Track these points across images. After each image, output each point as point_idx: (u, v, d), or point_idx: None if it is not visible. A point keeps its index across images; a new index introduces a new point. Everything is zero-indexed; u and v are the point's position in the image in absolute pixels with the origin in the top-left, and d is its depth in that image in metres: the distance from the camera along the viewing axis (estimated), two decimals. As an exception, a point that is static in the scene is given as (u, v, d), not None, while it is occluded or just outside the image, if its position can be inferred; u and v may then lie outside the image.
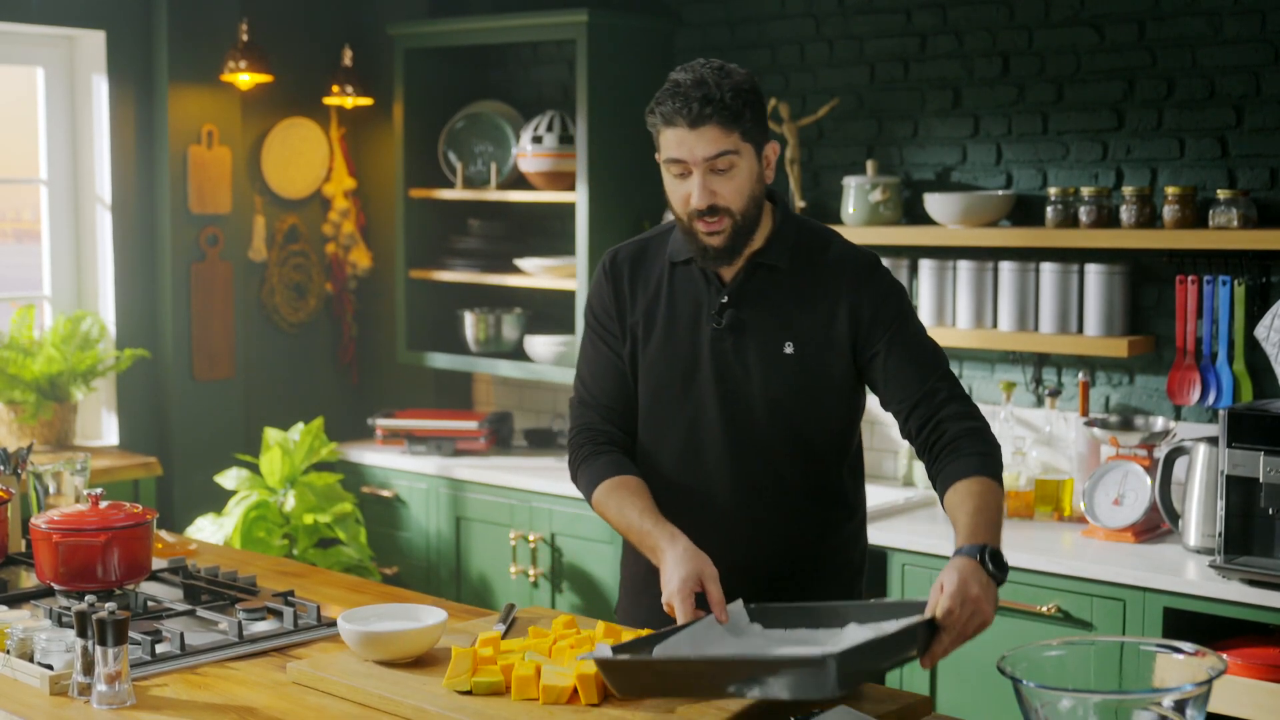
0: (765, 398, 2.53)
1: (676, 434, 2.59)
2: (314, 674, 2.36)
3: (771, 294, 2.54)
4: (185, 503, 5.04)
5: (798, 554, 2.59)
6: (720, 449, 2.56)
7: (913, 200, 4.38)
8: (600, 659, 2.15)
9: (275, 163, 5.29)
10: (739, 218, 2.47)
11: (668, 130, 2.45)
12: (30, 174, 5.04)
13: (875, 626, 2.24)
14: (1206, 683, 1.70)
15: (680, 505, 2.57)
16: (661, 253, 2.62)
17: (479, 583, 4.78)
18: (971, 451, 2.41)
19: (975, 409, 2.50)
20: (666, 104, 2.44)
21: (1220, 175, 3.89)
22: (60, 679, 2.33)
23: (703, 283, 2.57)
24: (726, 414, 2.55)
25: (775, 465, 2.56)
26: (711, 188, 2.44)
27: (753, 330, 2.53)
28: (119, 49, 4.95)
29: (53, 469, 3.14)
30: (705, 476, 2.58)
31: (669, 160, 2.47)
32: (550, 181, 4.87)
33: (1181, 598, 3.41)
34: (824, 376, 2.53)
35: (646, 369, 2.60)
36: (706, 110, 2.41)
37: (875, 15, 4.44)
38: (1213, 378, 3.85)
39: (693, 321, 2.57)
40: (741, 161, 2.45)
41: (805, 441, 2.56)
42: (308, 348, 5.49)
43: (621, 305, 2.63)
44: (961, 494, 2.37)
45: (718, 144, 2.42)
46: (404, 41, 5.16)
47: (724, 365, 2.54)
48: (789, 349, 2.52)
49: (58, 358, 4.76)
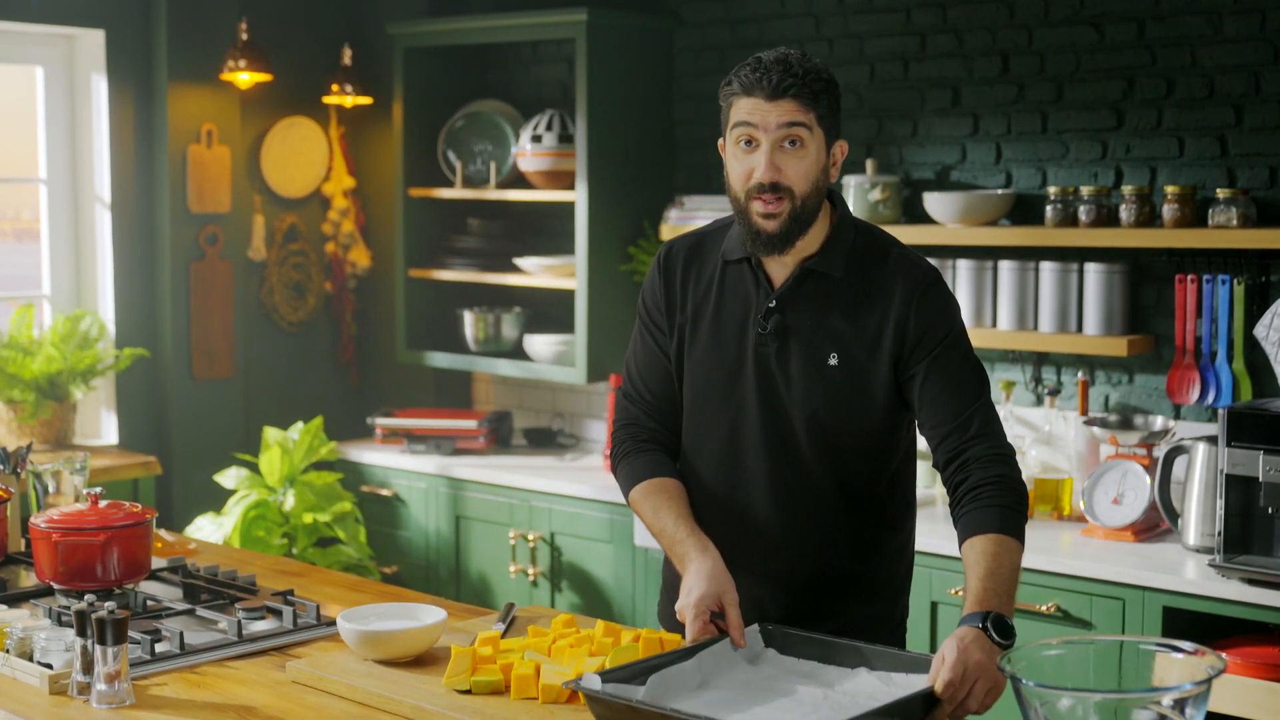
0: (805, 408, 2.45)
1: (717, 438, 2.52)
2: (313, 673, 2.36)
3: (820, 302, 2.45)
4: (184, 502, 5.04)
5: (834, 568, 2.51)
6: (759, 456, 2.49)
7: (912, 199, 4.38)
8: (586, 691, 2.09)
9: (275, 162, 5.29)
10: (799, 202, 2.38)
11: (743, 99, 2.38)
12: (30, 173, 5.04)
13: (885, 678, 2.21)
14: (1206, 682, 1.70)
15: (718, 510, 2.53)
16: (716, 249, 2.54)
17: (478, 582, 4.78)
18: (994, 503, 2.34)
19: (1008, 450, 2.41)
20: (746, 74, 2.38)
21: (1220, 174, 3.89)
22: (60, 678, 2.33)
23: (753, 284, 2.48)
24: (766, 421, 2.48)
25: (812, 477, 2.48)
26: (778, 163, 2.37)
27: (797, 339, 2.45)
28: (118, 48, 4.95)
29: (52, 468, 3.14)
30: (744, 483, 2.51)
31: (739, 125, 2.38)
32: (550, 181, 4.87)
33: (1181, 597, 3.41)
34: (867, 391, 2.44)
35: (692, 368, 2.54)
36: (787, 82, 2.35)
37: (875, 14, 4.44)
38: (1212, 377, 3.85)
39: (740, 324, 2.49)
40: (812, 143, 2.38)
41: (842, 455, 2.48)
42: (307, 347, 5.49)
43: (671, 301, 2.56)
44: (977, 553, 2.30)
45: (793, 115, 2.36)
46: (403, 40, 5.15)
47: (766, 372, 2.47)
48: (833, 360, 2.43)
49: (57, 357, 4.76)
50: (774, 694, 2.20)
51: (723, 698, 2.16)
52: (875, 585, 2.56)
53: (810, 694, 2.18)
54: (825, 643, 2.32)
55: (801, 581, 2.52)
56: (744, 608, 2.41)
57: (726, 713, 2.09)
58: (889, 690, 2.17)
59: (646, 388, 2.60)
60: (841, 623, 2.49)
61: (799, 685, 2.22)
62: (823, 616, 2.49)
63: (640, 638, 2.33)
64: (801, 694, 2.19)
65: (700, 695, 2.16)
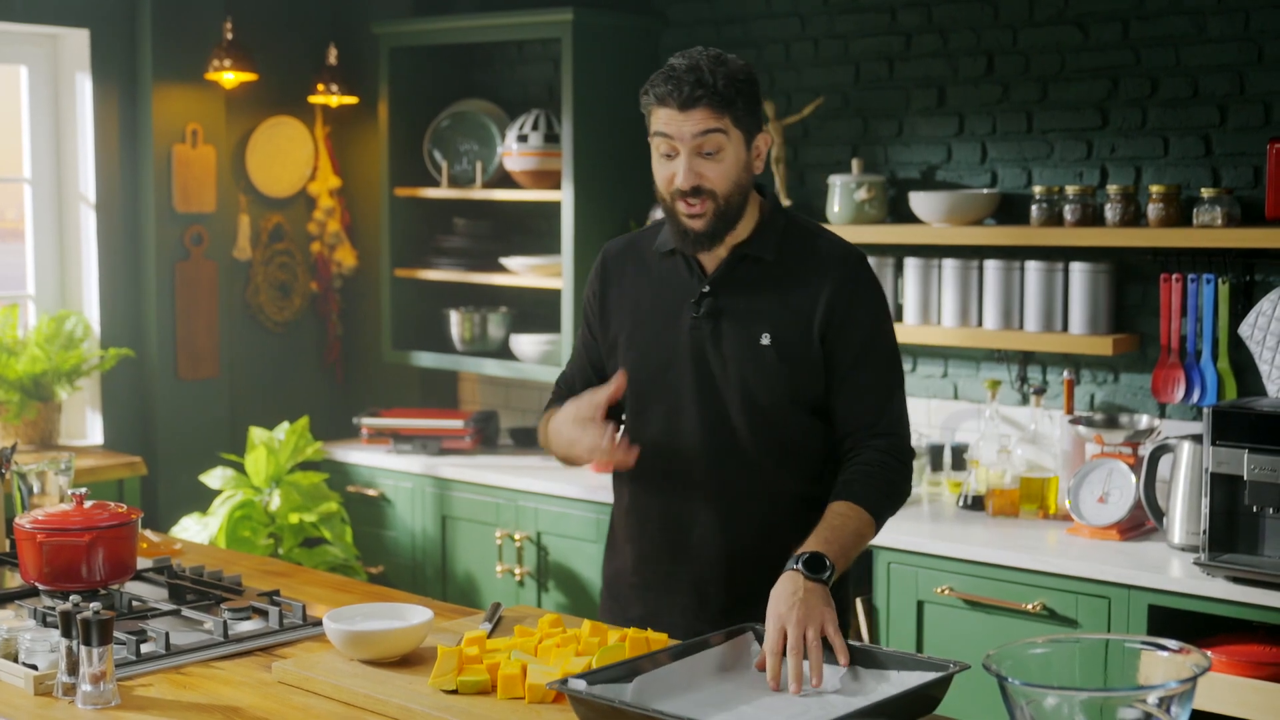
0: (740, 387, 2.54)
1: (657, 421, 2.61)
2: (299, 673, 2.36)
3: (753, 285, 2.55)
4: (170, 502, 5.03)
5: (776, 544, 2.56)
6: (697, 438, 2.58)
7: (898, 199, 4.39)
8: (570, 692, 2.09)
9: (260, 161, 5.28)
10: (722, 202, 2.48)
11: (659, 109, 2.46)
12: (14, 173, 5.02)
13: (879, 675, 2.21)
14: (1191, 680, 1.70)
15: (661, 491, 2.61)
16: (651, 245, 2.65)
17: (465, 582, 4.78)
18: (868, 481, 2.48)
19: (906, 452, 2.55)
20: (660, 85, 2.46)
21: (1204, 174, 3.90)
22: (45, 679, 2.33)
23: (687, 273, 2.59)
24: (703, 403, 2.56)
25: (749, 456, 2.57)
26: (697, 169, 2.46)
27: (730, 320, 2.55)
28: (103, 47, 4.94)
29: (37, 468, 3.13)
30: (684, 464, 2.60)
31: (657, 134, 2.48)
32: (536, 180, 4.87)
33: (1166, 595, 3.41)
34: (799, 368, 2.54)
35: (629, 358, 2.62)
36: (698, 93, 2.42)
37: (860, 14, 4.45)
38: (1197, 376, 3.86)
39: (676, 312, 2.58)
40: (729, 146, 2.46)
41: (779, 432, 2.57)
42: (293, 347, 5.48)
43: (605, 299, 2.67)
44: (830, 513, 2.45)
45: (706, 124, 2.43)
46: (389, 40, 5.15)
47: (701, 355, 2.56)
48: (765, 339, 2.53)
49: (42, 357, 4.74)
50: (762, 694, 2.20)
51: (709, 698, 2.16)
52: None
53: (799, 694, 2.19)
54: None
55: (741, 561, 2.59)
56: (686, 592, 2.59)
57: (712, 713, 2.09)
58: (879, 689, 2.17)
59: (575, 377, 2.75)
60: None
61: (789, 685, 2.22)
62: (764, 597, 2.53)
63: (627, 637, 2.33)
64: (791, 694, 2.19)
65: (687, 695, 2.16)
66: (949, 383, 4.38)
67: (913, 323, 4.25)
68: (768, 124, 4.44)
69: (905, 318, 4.27)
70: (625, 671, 2.16)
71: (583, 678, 2.11)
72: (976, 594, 3.67)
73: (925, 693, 2.13)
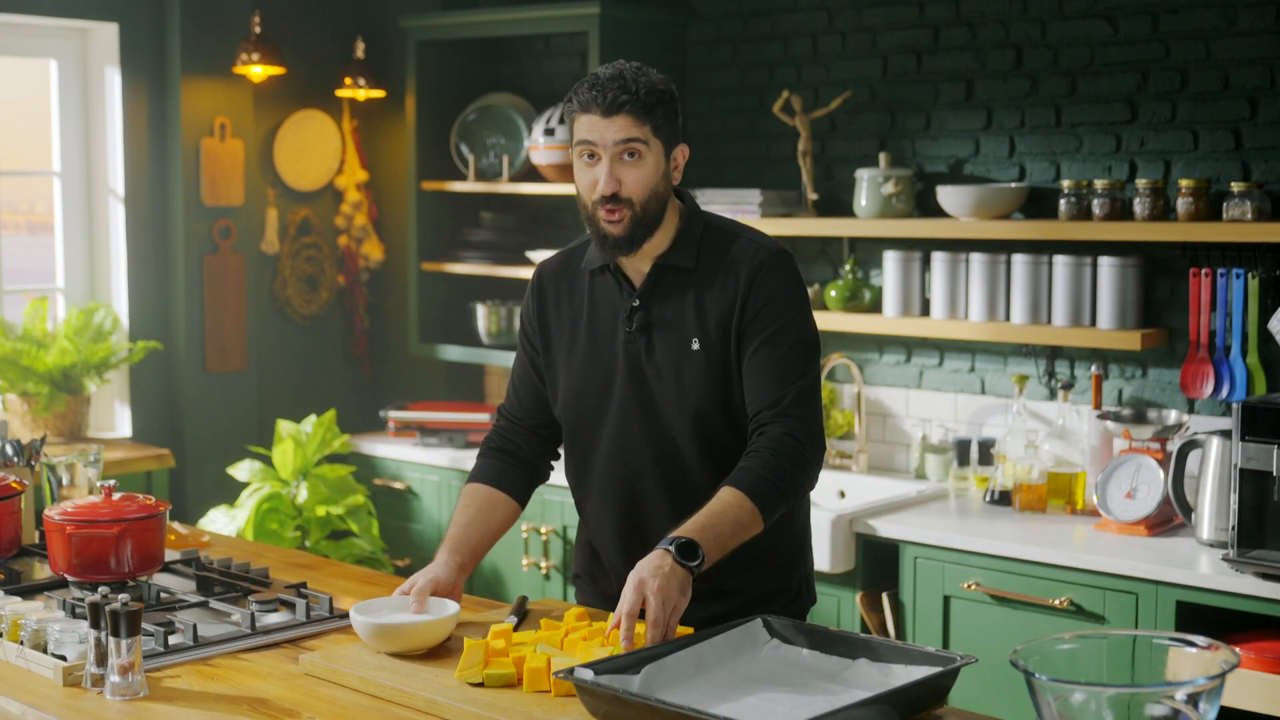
0: (677, 396, 2.59)
1: (602, 437, 2.66)
2: (326, 665, 2.37)
3: (679, 294, 2.61)
4: (198, 495, 5.05)
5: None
6: (641, 449, 2.63)
7: (925, 193, 4.37)
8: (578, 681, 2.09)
9: (288, 155, 5.30)
10: (639, 209, 2.55)
11: (583, 116, 2.54)
12: (43, 166, 5.05)
13: (884, 669, 2.20)
14: (1219, 676, 1.69)
15: (613, 505, 2.68)
16: (581, 263, 2.72)
17: (491, 575, 4.79)
18: (758, 470, 2.47)
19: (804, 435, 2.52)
20: (584, 92, 2.54)
21: (1234, 168, 3.88)
22: (73, 670, 2.34)
23: (616, 289, 2.65)
24: (644, 416, 2.62)
25: (691, 461, 2.61)
26: (618, 175, 2.53)
27: (661, 331, 2.60)
28: (132, 41, 4.96)
29: (66, 461, 3.15)
30: (632, 478, 2.65)
31: (580, 141, 2.55)
32: (562, 174, 4.87)
33: (1194, 591, 3.40)
34: (728, 369, 2.58)
35: (569, 378, 2.68)
36: (621, 99, 2.50)
37: (888, 7, 4.44)
38: (1226, 371, 3.84)
39: (610, 329, 2.64)
40: (649, 154, 2.54)
41: (715, 435, 2.60)
42: (320, 340, 5.50)
43: (544, 319, 2.73)
44: (714, 499, 2.45)
45: (628, 131, 2.51)
46: (416, 34, 5.16)
47: (637, 368, 2.61)
48: (695, 345, 2.58)
49: (71, 350, 4.77)
50: (768, 684, 2.20)
51: (715, 688, 2.17)
52: (764, 557, 2.63)
53: (806, 684, 2.19)
54: (825, 633, 2.33)
55: None
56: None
57: (718, 703, 2.09)
58: (885, 681, 2.17)
59: (516, 401, 2.79)
60: (744, 599, 2.62)
61: (795, 675, 2.23)
62: (723, 594, 2.60)
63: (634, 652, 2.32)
64: (797, 684, 2.19)
65: (694, 685, 2.17)
66: (976, 377, 4.36)
67: (940, 317, 4.24)
68: (794, 117, 4.44)
69: (932, 312, 4.26)
70: (633, 661, 2.17)
71: (590, 667, 2.11)
72: (1003, 589, 3.66)
73: (933, 684, 2.12)
